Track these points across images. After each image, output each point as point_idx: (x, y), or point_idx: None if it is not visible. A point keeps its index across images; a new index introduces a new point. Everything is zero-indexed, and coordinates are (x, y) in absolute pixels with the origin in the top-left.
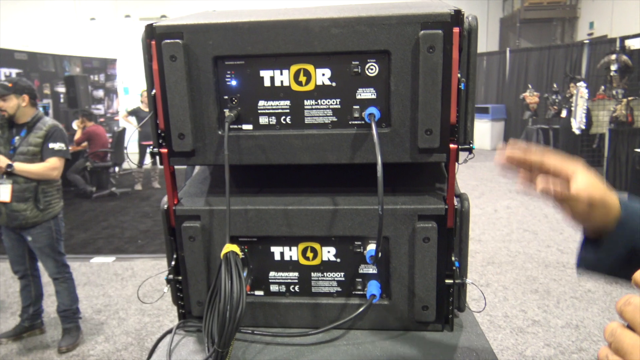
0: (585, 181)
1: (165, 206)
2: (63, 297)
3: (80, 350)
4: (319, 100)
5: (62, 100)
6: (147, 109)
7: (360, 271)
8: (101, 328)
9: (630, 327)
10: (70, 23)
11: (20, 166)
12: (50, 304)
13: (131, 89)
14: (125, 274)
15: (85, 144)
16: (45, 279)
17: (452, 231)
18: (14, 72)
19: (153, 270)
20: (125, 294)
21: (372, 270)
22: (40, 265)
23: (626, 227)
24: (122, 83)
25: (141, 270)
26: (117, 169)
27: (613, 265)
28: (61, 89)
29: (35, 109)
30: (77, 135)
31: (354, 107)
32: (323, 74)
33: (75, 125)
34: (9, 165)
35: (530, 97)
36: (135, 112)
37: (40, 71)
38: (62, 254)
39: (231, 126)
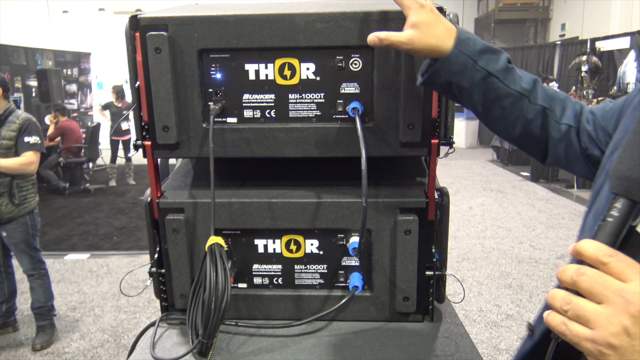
0: (414, 22)
1: (149, 199)
2: (38, 293)
3: (54, 347)
4: (303, 94)
5: (34, 94)
6: (118, 104)
7: (343, 263)
8: (76, 325)
9: (580, 294)
10: (43, 15)
11: None
12: (23, 302)
13: (105, 83)
14: (100, 270)
15: (58, 139)
16: (19, 275)
17: (432, 224)
18: None
19: (129, 267)
20: (101, 290)
21: (354, 262)
22: (14, 261)
23: (446, 67)
24: (96, 77)
25: (117, 267)
26: (90, 164)
27: (439, 87)
28: (33, 83)
29: (7, 101)
30: (50, 130)
31: (338, 101)
32: (307, 68)
33: (47, 119)
34: None
35: None
36: (107, 107)
37: (11, 64)
38: (38, 249)
39: (216, 119)
